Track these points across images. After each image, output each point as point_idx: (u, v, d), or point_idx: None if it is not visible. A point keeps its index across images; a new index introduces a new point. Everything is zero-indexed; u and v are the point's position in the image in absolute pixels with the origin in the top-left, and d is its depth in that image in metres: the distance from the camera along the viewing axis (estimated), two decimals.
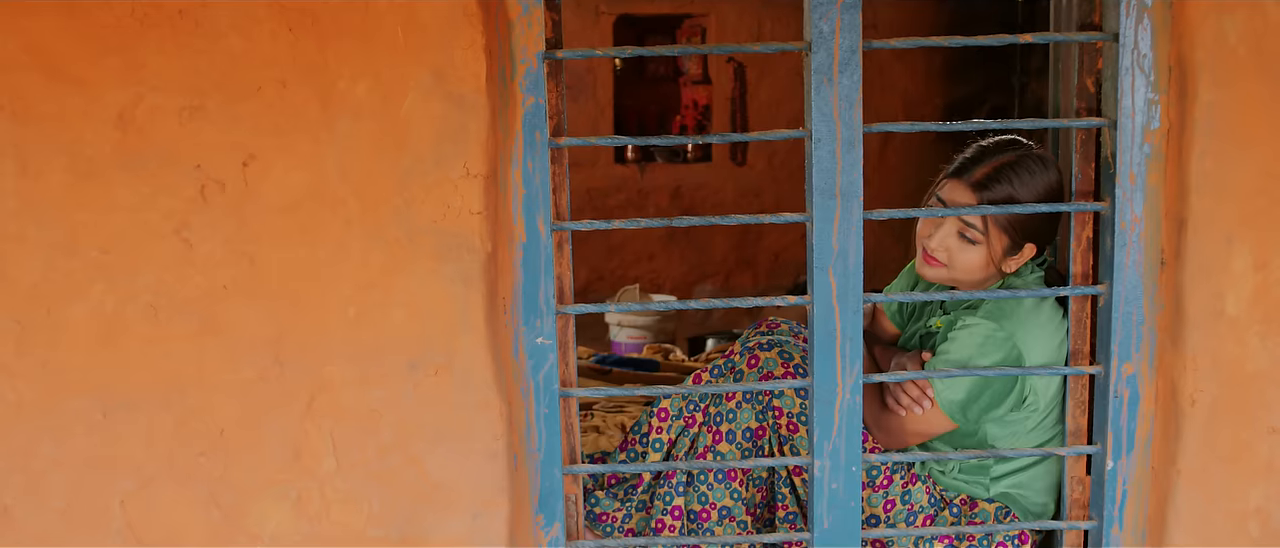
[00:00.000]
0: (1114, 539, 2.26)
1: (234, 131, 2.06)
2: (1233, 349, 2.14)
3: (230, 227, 2.08)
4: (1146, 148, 2.13)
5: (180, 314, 2.11)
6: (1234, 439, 2.17)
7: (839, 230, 2.13)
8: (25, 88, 2.04)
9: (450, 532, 2.17)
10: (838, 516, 2.23)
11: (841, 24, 2.07)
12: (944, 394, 2.34)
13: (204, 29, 2.03)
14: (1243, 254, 2.11)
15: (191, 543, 2.18)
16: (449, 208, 2.07)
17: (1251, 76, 2.07)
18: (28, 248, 2.08)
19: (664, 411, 2.47)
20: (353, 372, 2.13)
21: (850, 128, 2.11)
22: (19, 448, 2.14)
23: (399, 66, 2.03)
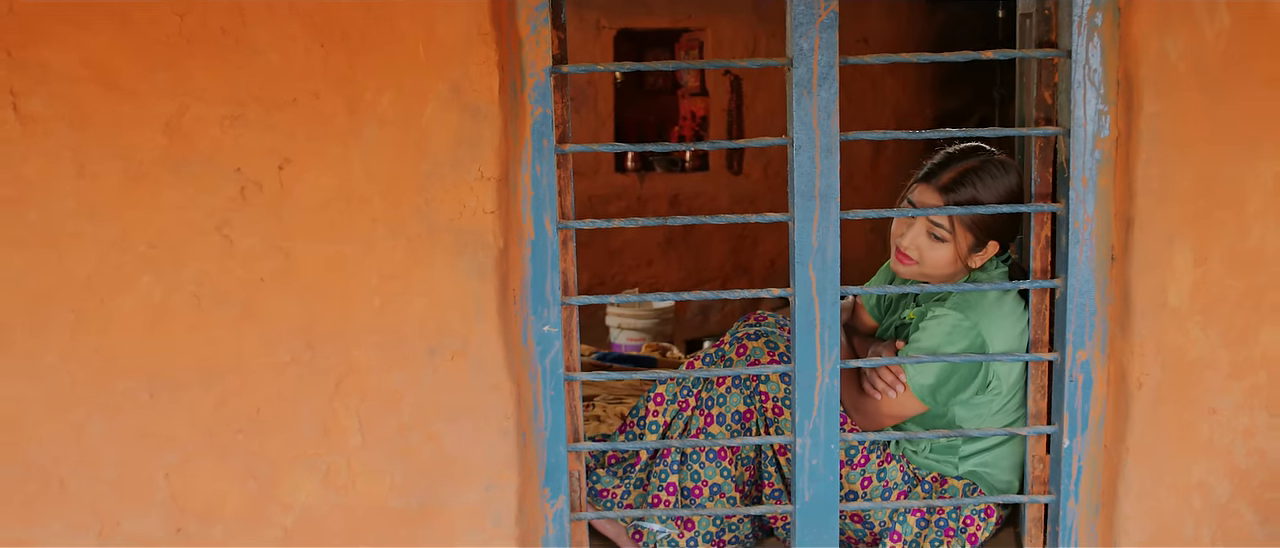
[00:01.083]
0: (1070, 511, 2.50)
1: (271, 138, 2.30)
2: (1175, 337, 2.38)
3: (267, 224, 2.33)
4: (1097, 154, 2.38)
5: (221, 303, 2.35)
6: (1177, 419, 2.41)
7: (818, 229, 2.38)
8: (83, 98, 2.29)
9: (465, 502, 2.41)
10: (818, 489, 2.47)
11: (820, 42, 2.32)
12: (915, 379, 2.59)
13: (244, 46, 2.28)
14: (1184, 251, 2.36)
15: (230, 512, 2.42)
16: (465, 207, 2.32)
17: (1190, 90, 2.31)
18: (83, 243, 2.33)
19: (660, 395, 2.72)
20: (377, 356, 2.37)
21: (828, 136, 2.35)
22: (74, 425, 2.38)
23: (420, 80, 2.28)
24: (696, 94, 6.68)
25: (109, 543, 2.42)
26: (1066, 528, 2.51)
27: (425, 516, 2.41)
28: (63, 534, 2.42)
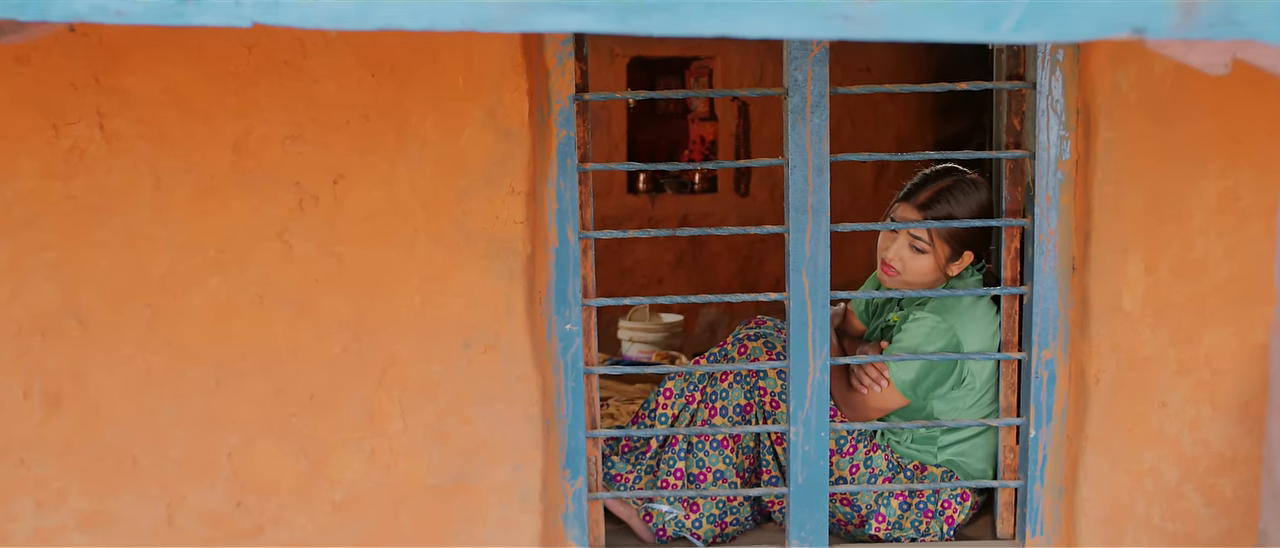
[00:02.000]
0: (1037, 494, 2.83)
1: (326, 156, 2.65)
2: (1129, 338, 2.71)
3: (322, 232, 2.67)
4: (1059, 175, 2.72)
5: (280, 302, 2.69)
6: (1131, 411, 2.73)
7: (810, 240, 2.72)
8: (162, 120, 2.63)
9: (494, 480, 2.74)
10: (810, 473, 2.80)
11: (812, 74, 2.67)
12: (898, 375, 2.92)
13: (304, 75, 2.62)
14: (1136, 261, 2.69)
15: (285, 488, 2.75)
16: (497, 218, 2.66)
17: (1141, 118, 2.65)
18: (159, 247, 2.68)
19: (668, 390, 3.05)
20: (417, 349, 2.71)
21: (820, 157, 2.70)
22: (147, 409, 2.72)
23: (459, 105, 2.62)
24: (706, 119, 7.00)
25: (176, 515, 2.76)
26: (1033, 510, 2.83)
27: (459, 491, 2.74)
28: (134, 506, 2.75)
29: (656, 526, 2.98)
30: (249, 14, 1.14)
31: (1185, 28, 1.16)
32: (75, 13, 1.15)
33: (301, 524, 2.76)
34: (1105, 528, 2.78)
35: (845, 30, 1.14)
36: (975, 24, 1.15)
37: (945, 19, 1.15)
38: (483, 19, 1.14)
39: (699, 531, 2.97)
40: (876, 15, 1.13)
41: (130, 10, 1.14)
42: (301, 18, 1.14)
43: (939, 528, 2.94)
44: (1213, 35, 1.16)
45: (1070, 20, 1.14)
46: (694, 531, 2.96)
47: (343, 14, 1.13)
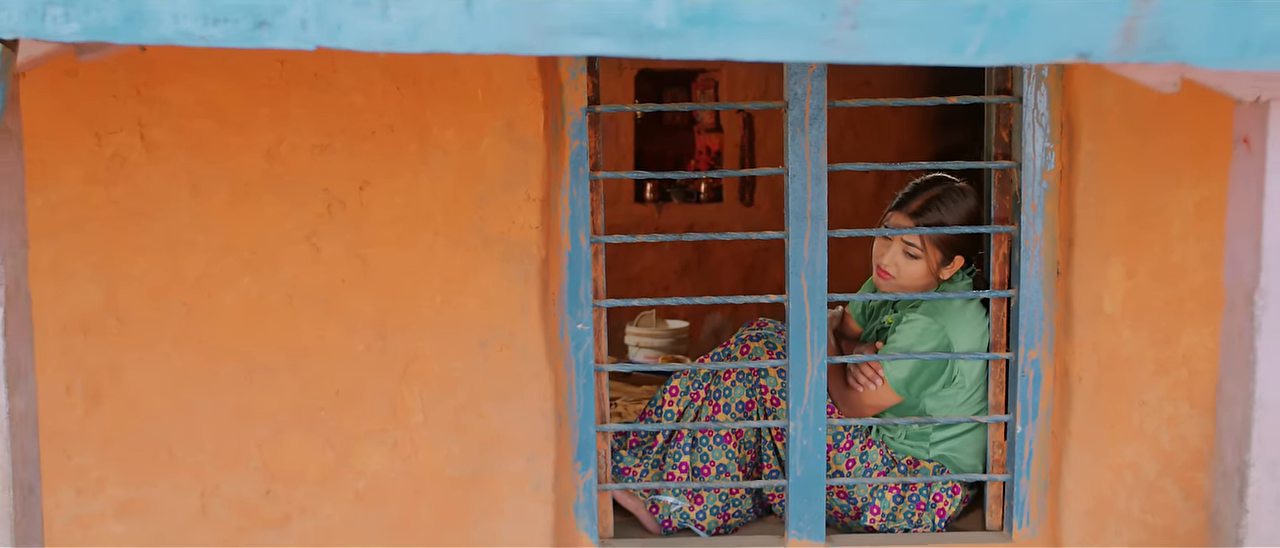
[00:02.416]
0: (1023, 488, 3.00)
1: (353, 164, 2.83)
2: (1110, 339, 2.89)
3: (348, 235, 2.86)
4: (1044, 184, 2.90)
5: (308, 301, 2.88)
6: (1112, 409, 2.91)
7: (809, 244, 2.90)
8: (199, 130, 2.83)
9: (509, 471, 2.92)
10: (808, 466, 2.98)
11: (811, 88, 2.85)
12: (891, 373, 3.10)
13: (333, 88, 2.81)
14: (1116, 266, 2.87)
15: (311, 477, 2.93)
16: (514, 223, 2.84)
17: (1122, 131, 2.83)
18: (196, 250, 2.86)
19: (674, 388, 3.23)
20: (438, 347, 2.89)
21: (818, 166, 2.88)
22: (182, 403, 2.91)
23: (478, 117, 2.81)
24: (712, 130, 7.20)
25: (209, 503, 2.94)
26: (1020, 502, 3.01)
27: (477, 482, 2.92)
28: (169, 495, 2.94)
29: (662, 517, 3.16)
30: (314, 37, 1.32)
31: (1125, 52, 1.34)
32: (163, 37, 1.33)
33: (327, 513, 2.94)
34: (1088, 520, 2.95)
35: (830, 53, 1.33)
36: (944, 49, 1.34)
37: (918, 44, 1.33)
38: (516, 43, 1.33)
39: (703, 522, 3.14)
40: (857, 41, 1.32)
41: (212, 35, 1.33)
42: (359, 41, 1.33)
43: (931, 520, 3.11)
44: (1149, 58, 1.35)
45: (1025, 46, 1.33)
46: (698, 522, 3.14)
47: (395, 38, 1.32)
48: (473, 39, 1.32)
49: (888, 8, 1.31)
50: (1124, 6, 1.32)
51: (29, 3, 1.34)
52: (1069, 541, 2.96)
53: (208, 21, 1.33)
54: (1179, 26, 1.34)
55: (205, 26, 1.33)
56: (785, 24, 1.31)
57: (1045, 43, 1.33)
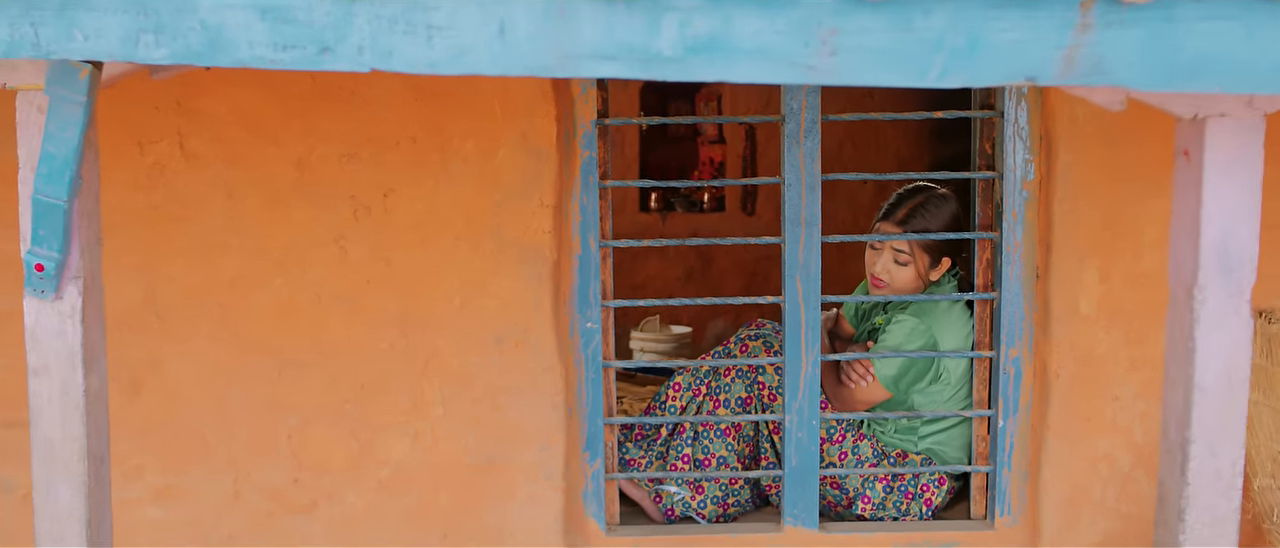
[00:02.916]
0: (1005, 478, 3.23)
1: (378, 172, 3.07)
2: (1085, 338, 3.11)
3: (373, 239, 3.09)
4: (1024, 194, 3.13)
5: (336, 301, 3.11)
6: (1087, 404, 3.13)
7: (803, 249, 3.13)
8: (233, 140, 3.06)
9: (523, 460, 3.15)
10: (803, 457, 3.21)
11: (806, 103, 3.09)
12: (881, 371, 3.33)
13: (360, 101, 3.05)
14: (1091, 270, 3.09)
15: (337, 466, 3.16)
16: (528, 228, 3.07)
17: (1096, 144, 3.06)
18: (230, 252, 3.10)
19: (677, 384, 3.46)
20: (456, 343, 3.12)
21: (812, 176, 3.11)
22: (217, 395, 3.14)
23: (495, 129, 3.04)
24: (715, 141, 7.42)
25: (241, 489, 3.17)
26: (1002, 492, 3.23)
27: (492, 469, 3.15)
28: (204, 482, 3.17)
29: (666, 506, 3.38)
30: (369, 62, 1.56)
31: (1067, 77, 1.57)
32: (240, 61, 1.57)
33: (352, 499, 3.17)
34: (1065, 509, 3.17)
35: (811, 77, 1.56)
36: (910, 73, 1.57)
37: (887, 69, 1.56)
38: (541, 67, 1.56)
39: (703, 511, 3.37)
40: (834, 67, 1.55)
41: (281, 59, 1.56)
42: (407, 65, 1.56)
43: (918, 509, 3.34)
44: (1087, 82, 1.58)
45: (979, 71, 1.56)
46: (699, 511, 3.37)
47: (438, 62, 1.55)
48: (504, 63, 1.56)
49: (861, 37, 1.54)
50: (1064, 37, 1.55)
51: (125, 30, 1.57)
52: (1047, 529, 3.18)
53: (278, 47, 1.56)
54: (1113, 55, 1.56)
55: (276, 52, 1.56)
56: (772, 52, 1.54)
57: (996, 68, 1.56)
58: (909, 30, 1.55)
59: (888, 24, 1.54)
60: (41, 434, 1.94)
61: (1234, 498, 1.97)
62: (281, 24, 1.56)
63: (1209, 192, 1.89)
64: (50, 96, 1.75)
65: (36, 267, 1.86)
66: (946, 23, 1.54)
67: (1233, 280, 1.92)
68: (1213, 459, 1.96)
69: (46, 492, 1.95)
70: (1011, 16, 1.54)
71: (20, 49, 1.60)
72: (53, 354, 1.91)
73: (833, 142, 6.31)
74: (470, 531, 3.18)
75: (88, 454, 1.95)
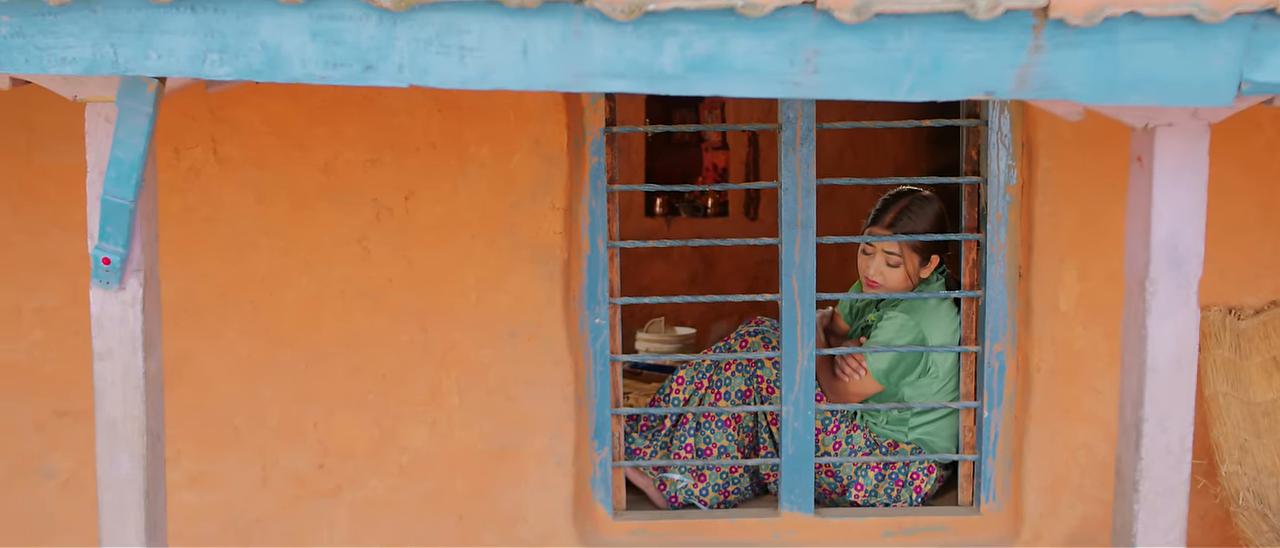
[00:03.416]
0: (990, 466, 3.46)
1: (400, 176, 3.30)
2: (1064, 334, 3.34)
3: (395, 239, 3.32)
4: (1007, 197, 3.36)
5: (360, 297, 3.34)
6: (1067, 396, 3.36)
7: (799, 249, 3.36)
8: (263, 146, 3.30)
9: (535, 447, 3.38)
10: (798, 445, 3.44)
11: (801, 112, 3.32)
12: (873, 364, 3.56)
13: (383, 109, 3.28)
14: (1071, 269, 3.32)
15: (360, 452, 3.39)
16: (540, 229, 3.30)
17: (1074, 151, 3.29)
18: (260, 252, 3.33)
19: (681, 378, 3.69)
20: (472, 337, 3.35)
21: (808, 180, 3.35)
22: (247, 386, 3.37)
23: (510, 135, 3.28)
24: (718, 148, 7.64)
25: (269, 475, 3.40)
26: (987, 479, 3.46)
27: (505, 456, 3.38)
28: (235, 467, 3.40)
29: (670, 493, 3.61)
30: (408, 78, 1.79)
31: (1021, 91, 1.81)
32: (294, 77, 1.80)
33: (373, 484, 3.40)
34: (1046, 495, 3.40)
35: (796, 92, 1.79)
36: (883, 88, 1.80)
37: (863, 85, 1.79)
38: (559, 83, 1.79)
39: (706, 498, 3.60)
40: (817, 83, 1.78)
41: (330, 75, 1.79)
42: (442, 81, 1.79)
43: (908, 496, 3.57)
44: (1040, 96, 1.81)
45: (943, 86, 1.79)
46: (701, 498, 3.60)
47: (469, 79, 1.78)
48: (526, 80, 1.79)
49: (840, 57, 1.77)
50: (1018, 57, 1.78)
51: (193, 50, 1.81)
52: (1029, 514, 3.41)
53: (328, 65, 1.79)
54: (1062, 73, 1.79)
55: (325, 69, 1.80)
56: (762, 70, 1.77)
57: (959, 84, 1.79)
58: (882, 51, 1.78)
59: (864, 45, 1.78)
60: (105, 413, 2.18)
61: (1183, 470, 2.19)
62: (331, 45, 1.79)
63: (1159, 193, 2.11)
64: (120, 108, 1.99)
65: (103, 260, 2.10)
66: (915, 44, 1.78)
67: (1181, 274, 2.14)
68: (1164, 435, 2.18)
69: (109, 464, 2.19)
70: (972, 39, 1.78)
71: (101, 67, 1.83)
72: (116, 340, 2.15)
73: (834, 148, 6.54)
74: (485, 514, 3.41)
75: (146, 430, 2.18)
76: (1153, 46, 1.79)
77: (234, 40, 1.81)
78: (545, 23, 1.77)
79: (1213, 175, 3.13)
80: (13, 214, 3.35)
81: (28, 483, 3.43)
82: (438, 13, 1.77)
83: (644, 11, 1.74)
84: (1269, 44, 1.80)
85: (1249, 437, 3.21)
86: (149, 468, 2.21)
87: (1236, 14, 1.76)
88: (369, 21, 1.78)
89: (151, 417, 2.20)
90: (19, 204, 3.35)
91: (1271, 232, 3.35)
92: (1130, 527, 2.22)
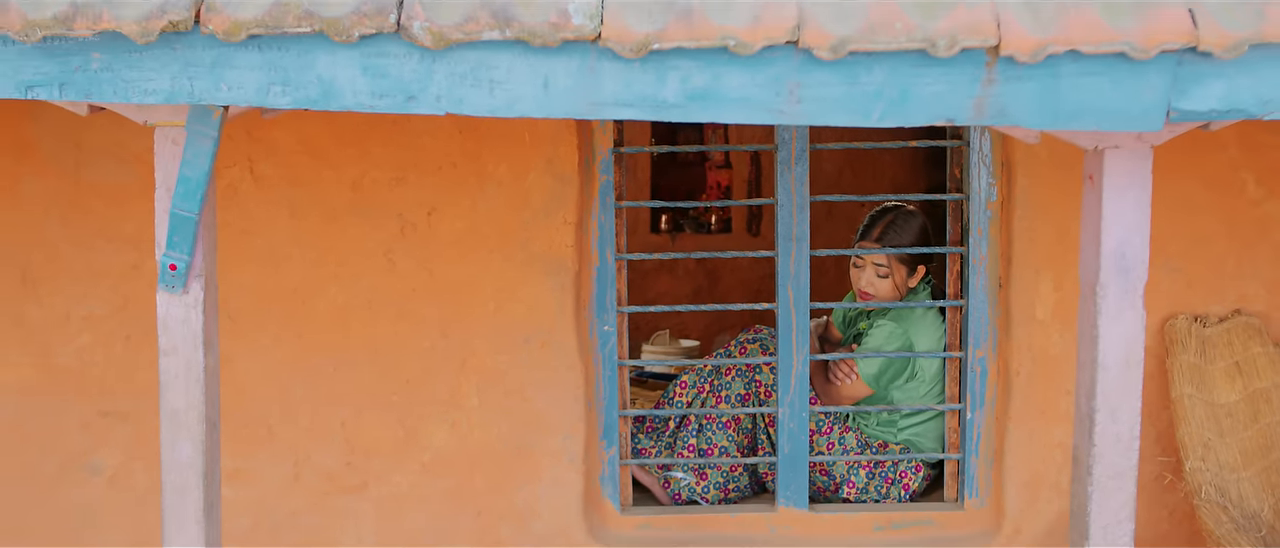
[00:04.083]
0: (973, 464, 3.74)
1: (423, 193, 3.60)
2: (1042, 340, 3.63)
3: (418, 252, 3.62)
4: (988, 213, 3.65)
5: (385, 306, 3.64)
6: (1044, 398, 3.65)
7: (794, 261, 3.66)
8: (297, 164, 3.60)
9: (548, 447, 3.68)
10: (794, 445, 3.73)
11: (795, 134, 3.62)
12: (864, 369, 3.85)
13: (408, 131, 3.58)
14: (1047, 280, 3.61)
15: (385, 451, 3.68)
16: (553, 243, 3.60)
17: (1050, 168, 3.58)
18: (292, 263, 3.63)
19: (684, 383, 3.98)
20: (490, 344, 3.65)
21: (802, 198, 3.64)
22: (280, 389, 3.67)
23: (525, 156, 3.58)
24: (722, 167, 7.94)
25: (301, 471, 3.70)
26: (970, 477, 3.75)
27: (521, 455, 3.68)
28: (268, 465, 3.70)
29: (673, 491, 3.90)
30: (444, 106, 2.09)
31: (978, 118, 2.10)
32: (345, 106, 2.10)
33: (397, 480, 3.70)
34: (1025, 491, 3.68)
35: (782, 119, 2.09)
36: (857, 116, 2.10)
37: (840, 112, 2.09)
38: (575, 111, 2.09)
39: (707, 495, 3.89)
40: (800, 111, 2.08)
41: (377, 105, 2.09)
42: (474, 109, 2.09)
43: (897, 493, 3.86)
44: (994, 123, 2.11)
45: (909, 114, 2.09)
46: (703, 495, 3.89)
47: (498, 107, 2.08)
48: (547, 109, 2.09)
49: (819, 89, 2.07)
50: (974, 89, 2.08)
51: (259, 83, 2.11)
52: (1010, 509, 3.69)
53: (375, 96, 2.10)
54: (1012, 103, 2.09)
55: (373, 99, 2.10)
56: (752, 100, 2.07)
57: (922, 112, 2.09)
58: (856, 84, 2.08)
59: (839, 79, 2.08)
60: (169, 404, 2.47)
61: (1131, 456, 2.48)
62: (378, 78, 2.10)
63: (1107, 209, 2.40)
64: (189, 132, 2.29)
65: (170, 266, 2.39)
66: (884, 78, 2.08)
67: (1128, 281, 2.43)
68: (1114, 425, 2.47)
69: (172, 448, 2.48)
70: (934, 73, 2.08)
71: (178, 97, 2.14)
72: (180, 338, 2.44)
73: (833, 168, 6.84)
74: (501, 509, 3.70)
75: (205, 418, 2.48)
76: (1090, 80, 2.09)
77: (294, 74, 2.11)
78: (564, 60, 2.08)
79: (1179, 192, 3.48)
80: (62, 227, 3.65)
81: (75, 479, 3.72)
82: (471, 51, 2.08)
83: (650, 50, 2.04)
84: (1192, 78, 2.10)
85: (1212, 436, 3.49)
86: (207, 452, 2.50)
87: (1163, 52, 2.06)
88: (412, 59, 2.09)
89: (210, 407, 2.50)
90: (68, 217, 3.64)
91: (1235, 245, 3.64)
92: (1086, 506, 2.51)
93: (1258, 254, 3.64)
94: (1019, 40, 2.04)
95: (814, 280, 3.71)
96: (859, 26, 2.04)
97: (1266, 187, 3.63)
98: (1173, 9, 2.06)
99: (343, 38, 2.06)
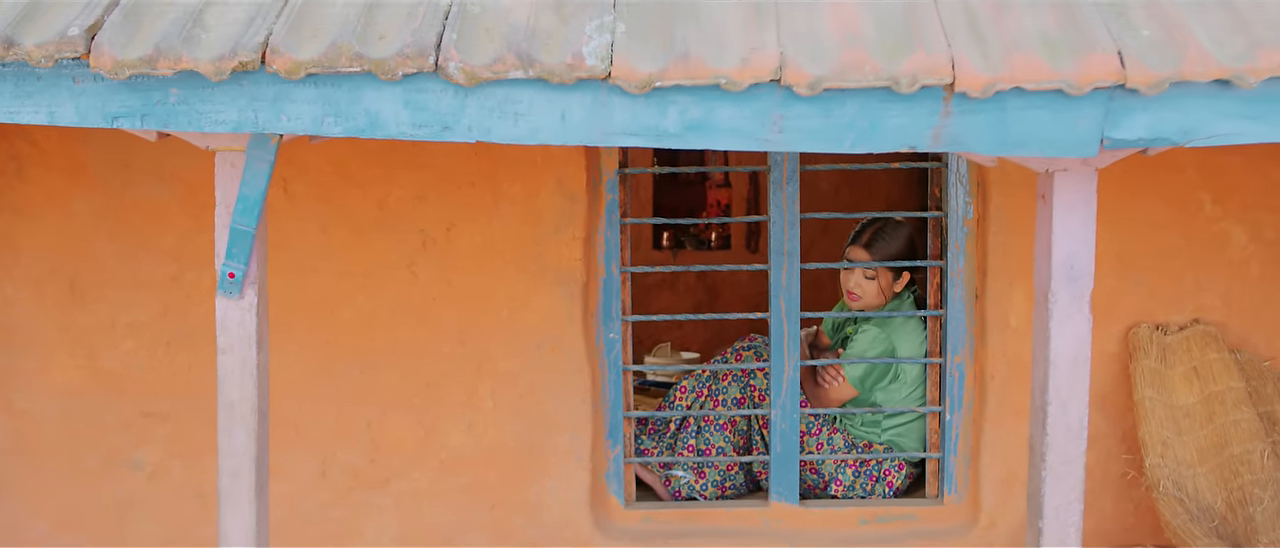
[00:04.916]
0: (952, 463, 4.11)
1: (442, 211, 3.98)
2: (1015, 347, 3.99)
3: (438, 264, 3.99)
4: (965, 229, 4.02)
5: (407, 315, 4.01)
6: (1017, 401, 4.00)
7: (786, 274, 4.03)
8: (327, 183, 3.98)
9: (557, 445, 4.04)
10: (786, 444, 4.09)
11: (786, 156, 4.00)
12: (850, 373, 4.21)
13: (429, 153, 3.96)
14: (1019, 291, 3.98)
15: (407, 449, 4.05)
16: (563, 256, 3.97)
17: (1022, 188, 3.94)
18: (320, 274, 4.00)
19: (683, 387, 4.35)
20: (504, 349, 4.02)
21: (793, 215, 4.02)
22: (307, 391, 4.03)
23: (537, 176, 3.95)
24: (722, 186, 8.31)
25: (327, 468, 4.06)
26: (949, 475, 4.11)
27: (532, 452, 4.04)
28: (296, 463, 4.06)
29: (674, 488, 4.26)
30: (475, 135, 2.46)
31: (936, 146, 2.48)
32: (389, 134, 2.48)
33: (417, 476, 4.06)
34: (1001, 488, 4.05)
35: (767, 146, 2.47)
36: (832, 143, 2.47)
37: (816, 141, 2.47)
38: (589, 139, 2.47)
39: (706, 493, 4.25)
40: (782, 139, 2.45)
41: (416, 133, 2.47)
42: (500, 137, 2.46)
43: (882, 490, 4.22)
44: (951, 149, 2.48)
45: (876, 142, 2.46)
46: (701, 492, 4.25)
47: (521, 136, 2.46)
48: (564, 137, 2.47)
49: (799, 121, 2.44)
50: (933, 120, 2.45)
51: (314, 114, 2.49)
52: (986, 504, 4.05)
53: (415, 126, 2.47)
54: (965, 132, 2.46)
55: (413, 128, 2.48)
56: (741, 130, 2.45)
57: (888, 141, 2.46)
58: (831, 116, 2.46)
59: (817, 112, 2.45)
60: (225, 397, 2.84)
61: (1080, 444, 2.84)
62: (418, 110, 2.48)
63: (1057, 224, 2.76)
64: (248, 156, 2.67)
65: (229, 274, 2.77)
66: (855, 111, 2.45)
67: (1076, 288, 2.79)
68: (1064, 416, 2.84)
69: (228, 436, 2.85)
70: (898, 107, 2.45)
71: (244, 126, 2.51)
72: (236, 338, 2.81)
73: (830, 186, 7.22)
74: (514, 503, 4.07)
75: (257, 410, 2.85)
76: (1033, 113, 2.46)
77: (345, 107, 2.49)
78: (579, 95, 2.46)
79: (1143, 211, 3.85)
80: (108, 241, 4.02)
81: (117, 474, 4.09)
82: (499, 88, 2.46)
83: (653, 87, 2.41)
84: (1122, 111, 2.47)
85: (1171, 435, 3.86)
86: (258, 440, 2.87)
87: (1096, 88, 2.44)
88: (447, 94, 2.46)
89: (261, 399, 2.87)
90: (114, 232, 4.02)
91: (1193, 259, 4.01)
92: (1040, 489, 2.87)
93: (1214, 268, 4.01)
94: (971, 78, 2.41)
95: (809, 293, 4.09)
96: (833, 67, 2.41)
97: (1222, 205, 4.00)
98: (1104, 52, 2.44)
99: (388, 76, 2.44)
